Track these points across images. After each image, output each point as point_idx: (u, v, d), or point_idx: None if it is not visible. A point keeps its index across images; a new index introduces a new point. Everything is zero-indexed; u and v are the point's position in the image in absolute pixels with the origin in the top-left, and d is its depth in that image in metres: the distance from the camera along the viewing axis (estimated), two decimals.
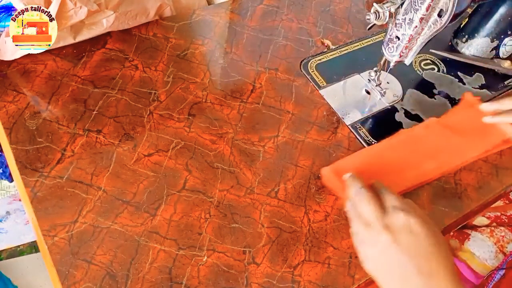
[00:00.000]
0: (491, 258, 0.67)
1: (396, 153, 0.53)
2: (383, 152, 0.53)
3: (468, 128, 0.56)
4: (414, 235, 0.38)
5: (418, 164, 0.52)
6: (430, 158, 0.53)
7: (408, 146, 0.53)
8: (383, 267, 0.38)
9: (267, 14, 0.68)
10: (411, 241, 0.38)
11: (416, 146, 0.54)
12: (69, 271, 0.40)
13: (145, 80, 0.56)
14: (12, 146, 0.47)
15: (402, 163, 0.52)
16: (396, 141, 0.54)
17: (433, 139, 0.55)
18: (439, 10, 0.46)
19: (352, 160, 0.51)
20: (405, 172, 0.51)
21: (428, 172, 0.52)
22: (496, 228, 0.69)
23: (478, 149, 0.55)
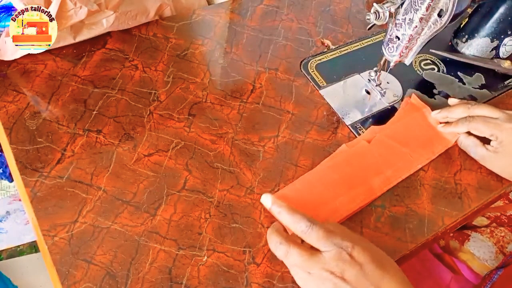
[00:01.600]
0: (491, 259, 0.67)
1: (340, 172, 0.50)
2: (326, 174, 0.50)
3: (413, 137, 0.55)
4: (358, 264, 0.38)
5: (364, 181, 0.50)
6: (376, 173, 0.51)
7: (352, 163, 0.51)
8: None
9: (267, 14, 0.68)
10: (357, 273, 0.38)
11: (360, 162, 0.51)
12: (69, 271, 0.40)
13: (145, 80, 0.56)
14: (12, 146, 0.47)
15: (347, 182, 0.49)
16: (338, 159, 0.51)
17: (377, 152, 0.53)
18: (439, 10, 0.46)
19: (295, 187, 0.48)
20: (351, 192, 0.48)
21: (375, 188, 0.50)
22: (496, 229, 0.69)
23: (424, 159, 0.54)
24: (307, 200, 0.47)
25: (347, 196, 0.48)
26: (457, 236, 0.70)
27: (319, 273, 0.38)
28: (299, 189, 0.48)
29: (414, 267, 0.65)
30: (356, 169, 0.50)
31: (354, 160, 0.51)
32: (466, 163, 0.55)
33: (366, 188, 0.49)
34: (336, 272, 0.38)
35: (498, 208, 0.73)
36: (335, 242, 0.39)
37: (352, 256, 0.38)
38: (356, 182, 0.49)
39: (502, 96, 0.65)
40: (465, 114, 0.54)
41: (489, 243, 0.68)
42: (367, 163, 0.51)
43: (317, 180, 0.49)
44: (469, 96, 0.64)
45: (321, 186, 0.48)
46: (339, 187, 0.48)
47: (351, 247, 0.39)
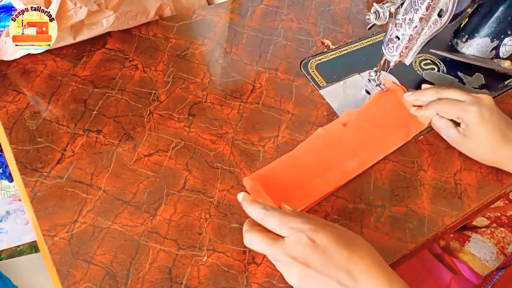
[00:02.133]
0: (492, 260, 0.67)
1: (316, 156, 0.51)
2: (302, 157, 0.51)
3: (388, 120, 0.56)
4: (321, 248, 0.36)
5: (339, 164, 0.51)
6: (352, 156, 0.52)
7: (328, 147, 0.52)
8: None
9: (267, 14, 0.68)
10: (321, 256, 0.36)
11: (336, 146, 0.52)
12: (69, 271, 0.40)
13: (145, 80, 0.56)
14: (12, 146, 0.47)
15: (323, 165, 0.50)
16: (315, 143, 0.52)
17: (353, 135, 0.54)
18: (439, 10, 0.46)
19: (271, 169, 0.49)
20: (326, 175, 0.49)
21: (351, 171, 0.51)
22: (496, 230, 0.69)
23: (398, 141, 0.55)
24: (283, 182, 0.47)
25: (322, 178, 0.49)
26: (458, 237, 0.70)
27: (284, 259, 0.37)
28: (275, 171, 0.49)
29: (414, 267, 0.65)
30: (331, 153, 0.51)
31: (330, 144, 0.52)
32: (466, 163, 0.55)
33: (341, 170, 0.50)
34: (299, 258, 0.36)
35: (498, 208, 0.73)
36: (294, 226, 0.38)
37: (313, 240, 0.37)
38: (331, 165, 0.50)
39: (502, 96, 0.65)
40: (435, 97, 0.55)
41: (490, 244, 0.68)
42: (342, 146, 0.52)
43: (292, 163, 0.50)
44: None
45: (297, 169, 0.49)
46: (314, 170, 0.49)
47: (312, 229, 0.37)
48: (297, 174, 0.49)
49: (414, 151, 0.55)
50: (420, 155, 0.55)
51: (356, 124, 0.55)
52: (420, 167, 0.54)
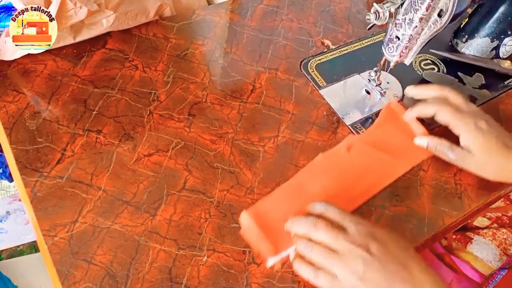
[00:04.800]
0: (495, 260, 0.66)
1: (318, 183, 0.48)
2: (304, 185, 0.48)
3: (393, 143, 0.53)
4: (382, 242, 0.39)
5: (343, 192, 0.47)
6: (357, 183, 0.48)
7: (331, 174, 0.49)
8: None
9: (267, 14, 0.68)
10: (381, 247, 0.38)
11: (340, 172, 0.49)
12: (69, 271, 0.40)
13: (145, 80, 0.56)
14: (12, 146, 0.47)
15: (326, 194, 0.47)
16: (316, 170, 0.49)
17: (357, 160, 0.50)
18: (439, 10, 0.46)
19: (273, 200, 0.46)
20: (332, 202, 0.45)
21: (356, 198, 0.48)
22: (498, 231, 0.69)
23: (405, 165, 0.52)
24: (287, 213, 0.43)
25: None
26: (459, 239, 0.70)
27: (347, 247, 0.38)
28: (277, 201, 0.46)
29: None
30: (335, 179, 0.49)
31: (332, 170, 0.49)
32: None
33: (345, 198, 0.47)
34: (362, 245, 0.38)
35: (499, 208, 0.73)
36: (353, 219, 0.40)
37: (373, 232, 0.39)
38: (335, 193, 0.47)
39: (502, 96, 0.65)
40: (438, 93, 0.53)
41: (492, 245, 0.68)
42: (347, 172, 0.49)
43: (296, 191, 0.47)
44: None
45: (300, 198, 0.46)
46: (318, 197, 0.46)
47: (369, 225, 0.40)
48: (301, 204, 0.44)
49: None
50: None
51: (360, 148, 0.51)
52: (420, 167, 0.54)
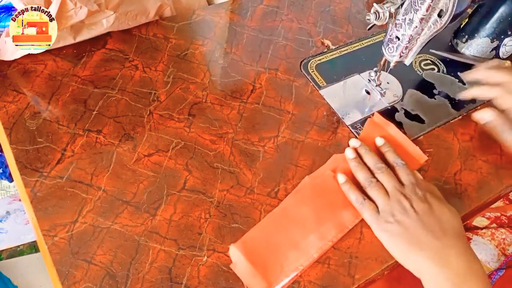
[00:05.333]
0: (493, 261, 0.66)
1: (306, 207, 0.47)
2: (294, 209, 0.47)
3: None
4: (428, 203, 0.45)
5: (333, 215, 0.47)
6: (346, 205, 0.47)
7: (319, 197, 0.48)
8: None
9: (267, 14, 0.69)
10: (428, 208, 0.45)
11: (327, 195, 0.48)
12: (69, 271, 0.40)
13: (145, 80, 0.56)
14: (12, 146, 0.47)
15: (316, 218, 0.46)
16: (304, 193, 0.48)
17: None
18: (439, 10, 0.46)
19: (261, 229, 0.45)
20: (320, 228, 0.45)
21: (346, 222, 0.47)
22: (496, 231, 0.69)
23: None
24: (277, 243, 0.44)
25: (317, 232, 0.45)
26: None
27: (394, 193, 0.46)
28: (266, 231, 0.45)
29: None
30: (323, 203, 0.48)
31: (320, 193, 0.48)
32: (466, 163, 0.55)
33: (335, 222, 0.46)
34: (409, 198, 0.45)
35: (498, 208, 0.73)
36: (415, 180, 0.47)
37: (426, 196, 0.46)
38: (325, 216, 0.46)
39: None
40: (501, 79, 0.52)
41: (491, 245, 0.68)
42: (335, 194, 0.48)
43: (284, 219, 0.46)
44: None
45: (290, 224, 0.46)
46: (308, 222, 0.46)
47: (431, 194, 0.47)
48: (290, 229, 0.45)
49: None
50: None
51: (346, 169, 0.50)
52: (420, 167, 0.54)
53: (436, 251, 0.42)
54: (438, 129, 0.58)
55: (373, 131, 0.55)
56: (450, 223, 0.44)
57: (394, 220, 0.44)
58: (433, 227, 0.43)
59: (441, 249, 0.42)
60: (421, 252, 0.42)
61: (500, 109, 0.51)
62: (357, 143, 0.52)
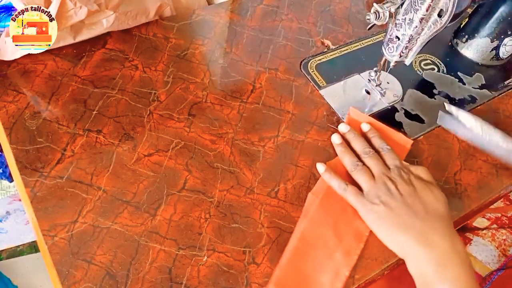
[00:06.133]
0: (494, 262, 0.66)
1: (323, 224, 0.46)
2: (312, 231, 0.45)
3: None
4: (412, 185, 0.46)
5: (349, 227, 0.46)
6: (357, 214, 0.46)
7: (331, 214, 0.47)
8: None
9: (267, 14, 0.68)
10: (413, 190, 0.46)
11: (338, 209, 0.47)
12: (69, 271, 0.40)
13: (145, 80, 0.56)
14: (12, 146, 0.47)
15: (336, 233, 0.45)
16: (315, 215, 0.47)
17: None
18: (439, 10, 0.46)
19: (288, 264, 0.44)
20: (343, 243, 0.45)
21: (363, 229, 0.46)
22: (497, 232, 0.69)
23: None
24: (306, 272, 0.43)
25: (341, 249, 0.45)
26: None
27: (380, 175, 0.47)
28: (294, 262, 0.44)
29: None
30: (336, 216, 0.47)
31: (330, 207, 0.47)
32: (466, 163, 0.55)
33: (353, 233, 0.46)
34: (393, 181, 0.46)
35: (498, 209, 0.73)
36: (401, 165, 0.48)
37: (411, 180, 0.46)
38: (342, 230, 0.46)
39: (502, 96, 0.65)
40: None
41: (491, 246, 0.68)
42: (343, 206, 0.47)
43: (305, 244, 0.45)
44: (469, 96, 0.64)
45: (313, 250, 0.45)
46: (329, 242, 0.45)
47: (416, 177, 0.47)
48: (315, 254, 0.44)
49: (414, 151, 0.55)
50: (420, 155, 0.55)
51: (343, 173, 0.49)
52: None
53: (419, 231, 0.42)
54: (438, 129, 0.58)
55: (353, 127, 0.54)
56: (434, 205, 0.45)
57: (379, 201, 0.45)
58: (417, 208, 0.44)
59: (425, 230, 0.42)
60: (405, 233, 0.42)
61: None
62: (345, 128, 0.53)
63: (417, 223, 0.43)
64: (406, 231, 0.42)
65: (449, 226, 0.44)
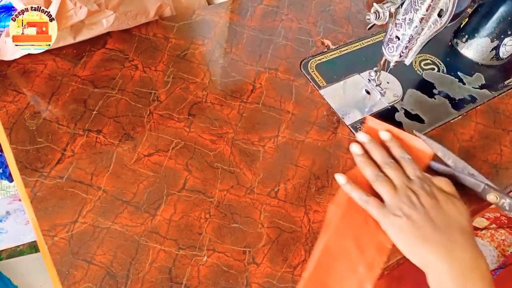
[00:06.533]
0: (493, 263, 0.66)
1: (348, 241, 0.45)
2: (335, 244, 0.45)
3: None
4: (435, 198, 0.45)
5: (372, 238, 0.45)
6: (379, 226, 0.45)
7: (354, 226, 0.46)
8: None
9: (267, 14, 0.68)
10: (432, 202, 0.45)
11: (360, 220, 0.46)
12: (69, 271, 0.40)
13: (145, 80, 0.56)
14: (12, 146, 0.47)
15: (358, 246, 0.45)
16: (338, 226, 0.46)
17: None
18: (439, 10, 0.46)
19: (314, 276, 0.43)
20: (366, 256, 0.44)
21: (385, 241, 0.45)
22: (496, 232, 0.69)
23: None
24: (330, 285, 0.43)
25: (364, 262, 0.44)
26: None
27: (402, 186, 0.46)
28: (319, 275, 0.43)
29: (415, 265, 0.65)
30: (359, 228, 0.46)
31: (352, 219, 0.46)
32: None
33: (376, 245, 0.45)
34: (416, 193, 0.45)
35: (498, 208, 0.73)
36: (423, 176, 0.47)
37: (434, 192, 0.45)
38: (365, 243, 0.45)
39: (502, 96, 0.65)
40: None
41: (490, 247, 0.68)
42: (365, 217, 0.46)
43: (329, 256, 0.44)
44: (469, 96, 0.64)
45: (336, 262, 0.44)
46: (352, 255, 0.44)
47: (438, 189, 0.46)
48: (338, 270, 0.43)
49: None
50: None
51: (364, 183, 0.48)
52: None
53: (442, 245, 0.42)
54: (438, 129, 0.58)
55: (373, 133, 0.53)
56: (457, 218, 0.44)
57: (402, 213, 0.44)
58: (440, 222, 0.43)
59: (447, 243, 0.42)
60: (427, 246, 0.42)
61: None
62: (365, 138, 0.51)
63: (439, 236, 0.42)
64: (428, 244, 0.42)
65: (471, 240, 0.43)
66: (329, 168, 0.52)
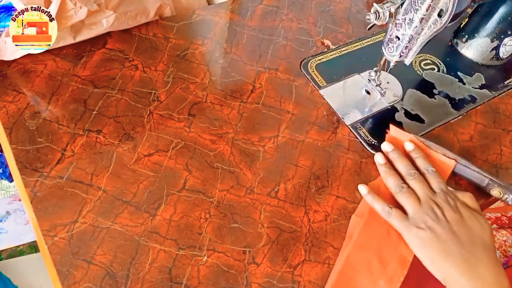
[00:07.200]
0: None
1: (369, 253, 0.45)
2: (356, 260, 0.45)
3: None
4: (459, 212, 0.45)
5: (394, 252, 0.45)
6: (401, 238, 0.45)
7: (376, 239, 0.46)
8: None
9: (267, 14, 0.68)
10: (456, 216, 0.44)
11: (382, 233, 0.46)
12: (69, 271, 0.40)
13: (145, 80, 0.56)
14: (12, 146, 0.47)
15: (380, 259, 0.45)
16: (360, 238, 0.46)
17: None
18: (439, 10, 0.46)
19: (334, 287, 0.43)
20: (387, 270, 0.44)
21: (407, 254, 0.45)
22: (497, 232, 0.69)
23: None
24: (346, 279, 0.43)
25: (385, 276, 0.44)
26: None
27: (426, 199, 0.46)
28: (337, 285, 0.43)
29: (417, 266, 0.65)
30: (380, 241, 0.46)
31: (374, 232, 0.46)
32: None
33: (398, 258, 0.45)
34: (440, 206, 0.45)
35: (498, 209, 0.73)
36: (447, 190, 0.47)
37: (458, 206, 0.45)
38: (387, 256, 0.45)
39: (502, 96, 0.65)
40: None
41: None
42: (387, 229, 0.46)
43: (350, 268, 0.44)
44: (469, 96, 0.64)
45: (357, 274, 0.44)
46: (373, 268, 0.44)
47: (462, 204, 0.46)
48: (358, 283, 0.43)
49: None
50: None
51: (386, 194, 0.48)
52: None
53: (464, 261, 0.41)
54: (438, 129, 0.59)
55: (397, 142, 0.53)
56: (480, 235, 0.44)
57: (425, 226, 0.43)
58: (464, 237, 0.43)
59: (470, 259, 0.41)
60: (450, 261, 0.42)
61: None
62: (389, 147, 0.51)
63: (462, 252, 0.42)
64: (450, 259, 0.42)
65: (494, 257, 0.43)
66: (329, 168, 0.52)
